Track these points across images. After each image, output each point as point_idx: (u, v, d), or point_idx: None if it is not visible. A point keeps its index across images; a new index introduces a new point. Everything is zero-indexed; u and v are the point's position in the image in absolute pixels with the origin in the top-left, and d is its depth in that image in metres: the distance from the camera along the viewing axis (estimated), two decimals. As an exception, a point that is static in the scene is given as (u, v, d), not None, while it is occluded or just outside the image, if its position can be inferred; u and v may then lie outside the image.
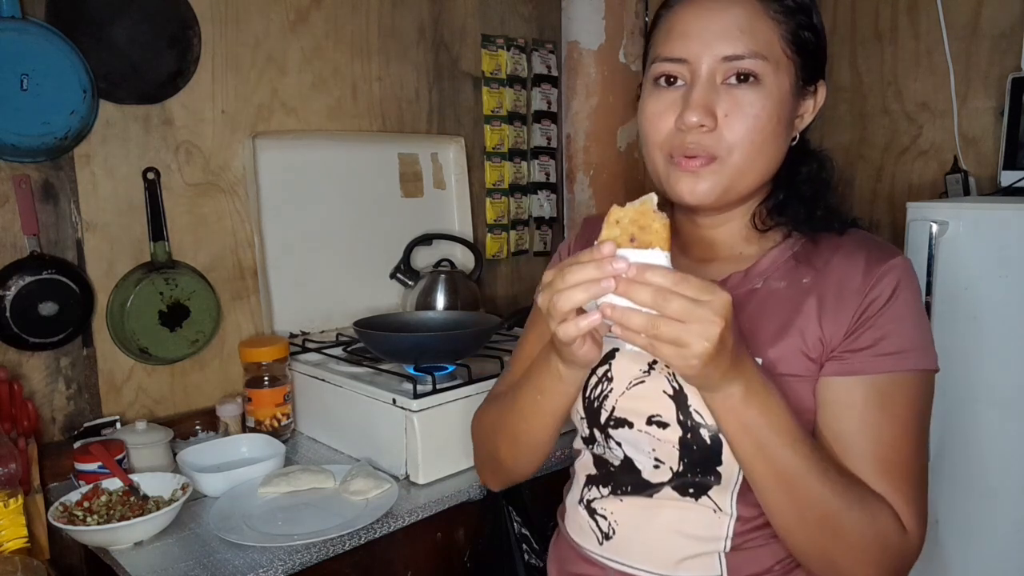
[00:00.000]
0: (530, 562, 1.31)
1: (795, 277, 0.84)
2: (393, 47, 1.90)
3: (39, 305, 1.38)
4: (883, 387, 0.79)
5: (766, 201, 0.88)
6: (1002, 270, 1.45)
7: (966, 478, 1.54)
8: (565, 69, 2.16)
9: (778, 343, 0.82)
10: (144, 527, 1.15)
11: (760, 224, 0.88)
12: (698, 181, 0.81)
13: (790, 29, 0.80)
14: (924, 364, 0.80)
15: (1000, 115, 1.80)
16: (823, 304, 0.81)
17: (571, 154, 2.17)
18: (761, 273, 0.86)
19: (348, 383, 1.46)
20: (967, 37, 1.88)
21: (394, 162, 1.93)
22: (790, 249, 0.87)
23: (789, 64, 0.81)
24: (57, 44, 1.35)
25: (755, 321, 0.84)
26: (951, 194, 1.88)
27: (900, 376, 0.79)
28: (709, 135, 0.79)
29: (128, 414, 1.53)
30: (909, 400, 0.80)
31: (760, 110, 0.79)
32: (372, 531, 1.20)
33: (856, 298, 0.80)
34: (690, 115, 0.78)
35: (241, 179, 1.66)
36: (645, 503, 0.89)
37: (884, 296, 0.80)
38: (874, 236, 0.87)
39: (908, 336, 0.80)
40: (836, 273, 0.82)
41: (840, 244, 0.84)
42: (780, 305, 0.83)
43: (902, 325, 0.80)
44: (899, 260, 0.82)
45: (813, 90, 0.86)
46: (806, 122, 0.86)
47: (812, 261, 0.84)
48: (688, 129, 0.79)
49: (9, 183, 1.37)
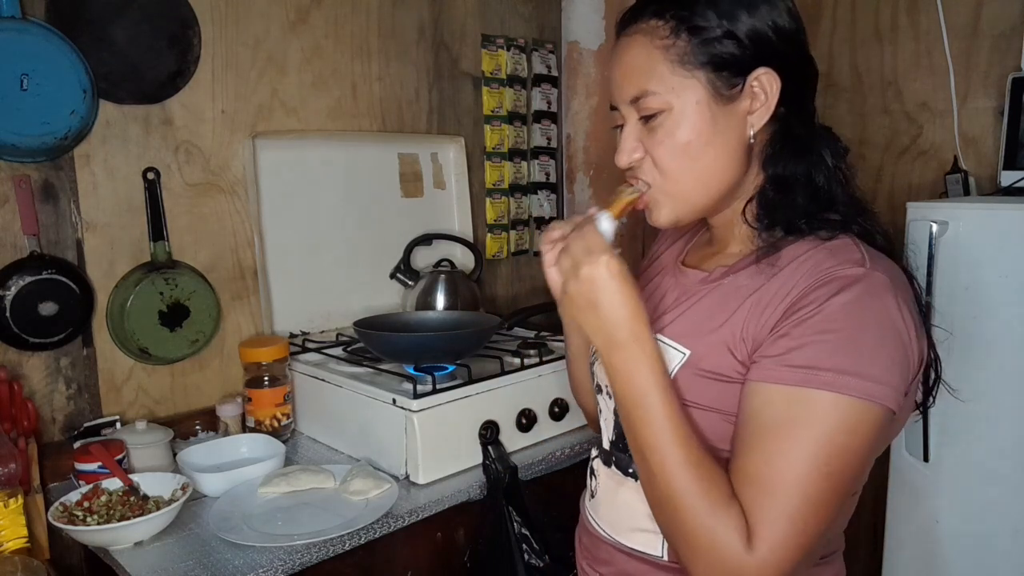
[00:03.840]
0: (530, 562, 1.31)
1: (755, 276, 0.82)
2: (393, 47, 1.90)
3: (39, 305, 1.38)
4: (783, 402, 0.73)
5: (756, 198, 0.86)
6: (1002, 270, 1.45)
7: (966, 478, 1.54)
8: (565, 69, 2.16)
9: (707, 336, 0.82)
10: (144, 527, 1.15)
11: (753, 222, 0.86)
12: (652, 210, 0.87)
13: (679, 51, 0.80)
14: (849, 390, 0.71)
15: (1000, 115, 1.80)
16: (760, 304, 0.79)
17: (571, 154, 2.17)
18: (735, 269, 0.86)
19: (348, 383, 1.46)
20: (967, 37, 1.88)
21: (394, 162, 1.93)
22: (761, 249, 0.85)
23: (692, 82, 0.80)
24: (57, 44, 1.35)
25: (702, 316, 0.85)
26: (951, 194, 1.88)
27: (809, 394, 0.71)
28: (646, 166, 0.85)
29: (128, 414, 1.53)
30: (812, 422, 0.71)
31: (677, 136, 0.81)
32: (372, 531, 1.20)
33: (788, 303, 0.76)
34: (618, 159, 0.86)
35: (241, 179, 1.66)
36: (616, 474, 0.93)
37: (814, 304, 0.74)
38: (855, 244, 0.80)
39: (832, 353, 0.71)
40: (785, 276, 0.79)
41: (809, 248, 0.80)
42: (729, 303, 0.83)
43: (828, 339, 0.72)
44: (857, 272, 0.75)
45: (742, 86, 0.81)
46: (763, 117, 0.82)
47: (774, 263, 0.81)
48: (625, 169, 0.87)
49: (9, 183, 1.37)
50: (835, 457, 0.71)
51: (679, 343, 0.85)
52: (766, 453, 0.73)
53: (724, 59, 0.80)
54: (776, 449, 0.72)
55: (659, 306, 0.92)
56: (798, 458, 0.71)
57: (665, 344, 0.85)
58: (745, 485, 0.73)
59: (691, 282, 0.90)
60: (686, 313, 0.87)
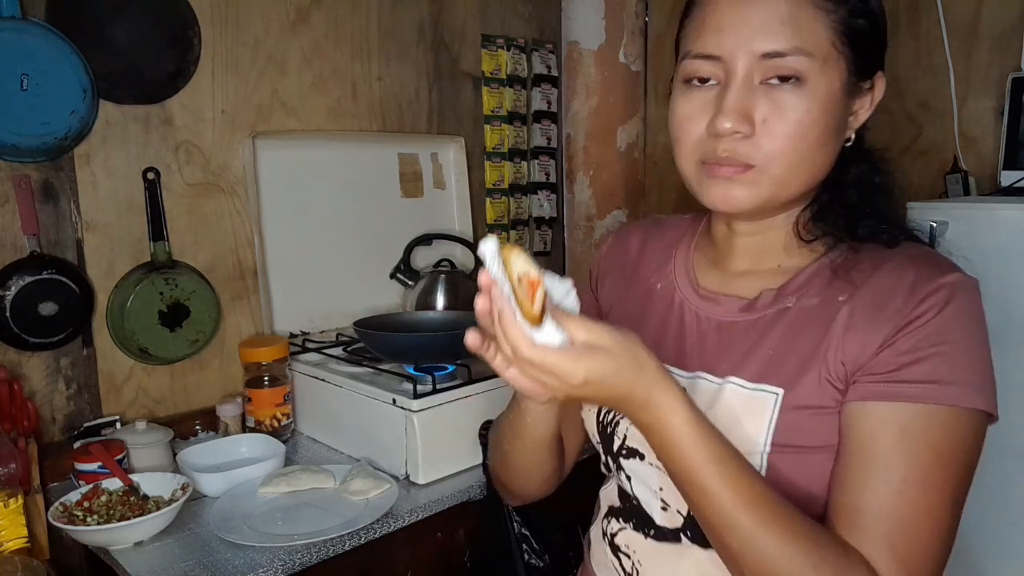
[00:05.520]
0: (530, 562, 1.31)
1: (830, 294, 0.73)
2: (393, 47, 1.90)
3: (39, 305, 1.38)
4: (904, 420, 0.66)
5: (810, 206, 0.77)
6: (1002, 270, 1.45)
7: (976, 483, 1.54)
8: (565, 69, 2.16)
9: (805, 374, 0.71)
10: (144, 527, 1.15)
11: (804, 233, 0.77)
12: (732, 187, 0.72)
13: (840, 18, 0.69)
14: (969, 401, 0.66)
15: (1000, 115, 1.80)
16: (852, 322, 0.70)
17: (571, 154, 2.17)
18: (796, 290, 0.75)
19: (348, 383, 1.46)
20: (967, 37, 1.88)
21: (394, 162, 1.93)
22: (831, 263, 0.75)
23: (839, 59, 0.70)
24: (57, 44, 1.35)
25: (783, 348, 0.73)
26: (951, 194, 1.88)
27: (930, 410, 0.65)
28: (745, 142, 0.70)
29: (128, 414, 1.53)
30: (937, 440, 0.65)
31: (804, 115, 0.69)
32: (372, 531, 1.20)
33: (895, 319, 0.68)
34: (723, 121, 0.69)
35: (241, 179, 1.66)
36: (670, 546, 0.79)
37: (929, 314, 0.67)
38: (932, 250, 0.75)
39: (952, 364, 0.66)
40: (876, 289, 0.70)
41: (887, 257, 0.73)
42: (810, 327, 0.72)
43: (945, 349, 0.66)
44: (956, 277, 0.69)
45: (870, 85, 0.74)
46: (861, 120, 0.75)
47: (852, 276, 0.72)
48: (721, 135, 0.70)
49: (9, 183, 1.37)
50: (961, 478, 0.66)
51: (765, 383, 0.73)
52: (891, 483, 0.65)
53: (872, 49, 0.72)
54: (909, 479, 0.65)
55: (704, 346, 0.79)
56: (932, 488, 0.65)
57: (747, 389, 0.73)
58: (869, 523, 0.65)
59: (728, 312, 0.79)
60: (754, 351, 0.75)
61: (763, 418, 0.71)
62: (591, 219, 2.16)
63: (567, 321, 0.61)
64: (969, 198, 1.80)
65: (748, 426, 0.71)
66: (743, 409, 0.73)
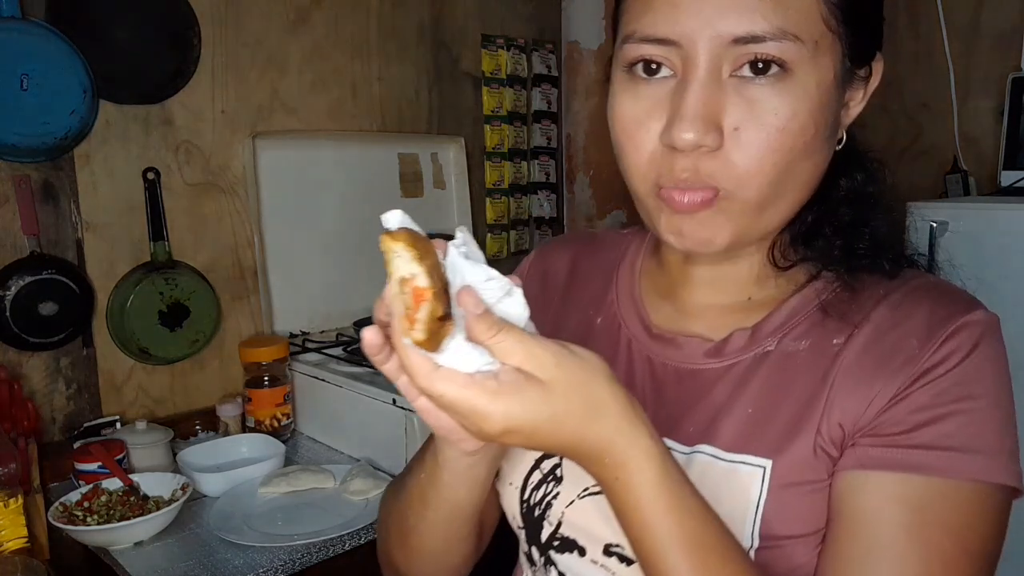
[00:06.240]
0: (530, 562, 1.30)
1: (822, 335, 0.58)
2: (393, 47, 1.90)
3: (39, 305, 1.38)
4: (916, 497, 0.52)
5: (790, 227, 0.61)
6: (1002, 270, 1.45)
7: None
8: (565, 69, 2.16)
9: (796, 439, 0.56)
10: (144, 527, 1.15)
11: (780, 259, 0.61)
12: (692, 225, 0.55)
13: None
14: (998, 475, 0.52)
15: (1000, 115, 1.80)
16: (852, 374, 0.55)
17: (571, 154, 2.17)
18: (776, 330, 0.60)
19: (348, 383, 1.46)
20: (967, 37, 1.88)
21: (394, 162, 1.93)
22: (817, 296, 0.60)
23: (834, 42, 0.53)
24: (57, 44, 1.35)
25: (767, 405, 0.58)
26: (951, 194, 1.88)
27: (949, 485, 0.51)
28: (711, 157, 0.53)
29: (128, 414, 1.53)
30: (960, 525, 0.51)
31: (789, 119, 0.52)
32: (372, 531, 1.20)
33: (908, 367, 0.54)
34: (681, 130, 0.51)
35: (241, 179, 1.66)
36: None
37: (949, 363, 0.53)
38: (943, 280, 0.61)
39: (978, 426, 0.52)
40: (881, 330, 0.56)
41: (891, 289, 0.58)
42: (800, 378, 0.57)
43: (968, 406, 0.52)
44: (980, 315, 0.55)
45: (866, 72, 0.58)
46: (853, 115, 0.59)
47: (848, 314, 0.58)
48: (679, 150, 0.53)
49: (9, 183, 1.37)
50: (987, 566, 0.53)
51: (747, 454, 0.57)
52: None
53: (870, 24, 0.57)
54: (918, 573, 0.51)
55: (661, 401, 0.62)
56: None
57: (725, 462, 0.57)
58: None
59: (691, 356, 0.62)
60: (729, 409, 0.59)
61: (746, 501, 0.55)
62: (591, 219, 2.16)
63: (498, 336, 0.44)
64: (969, 198, 1.80)
65: (727, 514, 0.53)
66: (720, 490, 0.55)
